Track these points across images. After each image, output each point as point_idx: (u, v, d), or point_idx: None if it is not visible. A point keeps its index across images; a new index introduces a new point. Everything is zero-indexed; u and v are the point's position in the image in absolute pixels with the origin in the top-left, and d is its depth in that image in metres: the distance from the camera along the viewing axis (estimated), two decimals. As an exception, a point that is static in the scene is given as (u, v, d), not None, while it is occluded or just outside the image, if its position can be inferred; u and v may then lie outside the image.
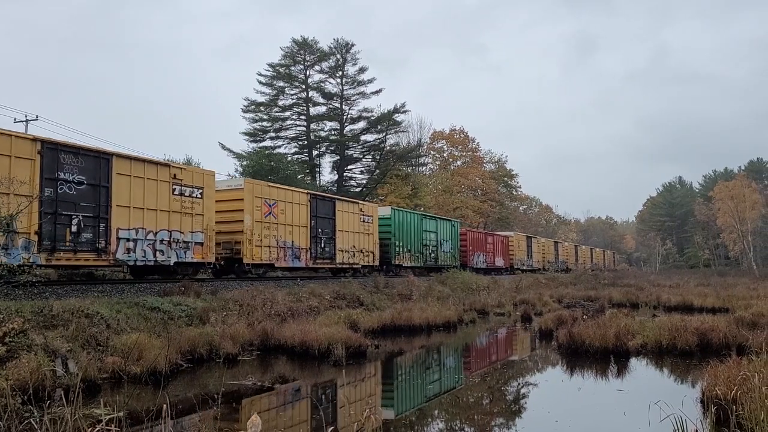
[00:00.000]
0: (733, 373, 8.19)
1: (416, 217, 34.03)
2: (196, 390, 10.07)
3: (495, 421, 9.27)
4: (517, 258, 51.80)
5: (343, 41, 49.76)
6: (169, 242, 17.87)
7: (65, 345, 10.38)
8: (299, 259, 23.52)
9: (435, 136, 71.07)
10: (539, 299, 28.26)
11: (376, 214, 29.35)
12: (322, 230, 25.11)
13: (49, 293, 13.52)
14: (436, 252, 35.95)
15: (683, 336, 13.74)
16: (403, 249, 31.91)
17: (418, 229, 33.61)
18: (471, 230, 44.48)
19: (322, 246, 25.16)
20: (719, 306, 23.68)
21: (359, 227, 27.77)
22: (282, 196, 22.89)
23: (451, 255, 38.03)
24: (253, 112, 49.88)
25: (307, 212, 24.22)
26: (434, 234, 35.81)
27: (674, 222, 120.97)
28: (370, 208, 29.04)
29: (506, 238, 50.07)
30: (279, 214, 22.46)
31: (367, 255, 28.45)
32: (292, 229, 23.18)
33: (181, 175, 18.50)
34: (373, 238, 28.96)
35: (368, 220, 28.51)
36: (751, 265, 70.47)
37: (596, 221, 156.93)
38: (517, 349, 17.40)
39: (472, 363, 15.14)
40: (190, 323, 14.20)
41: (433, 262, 35.41)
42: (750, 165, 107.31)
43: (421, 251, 33.85)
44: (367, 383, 12.10)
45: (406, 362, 14.77)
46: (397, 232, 31.28)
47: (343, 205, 26.98)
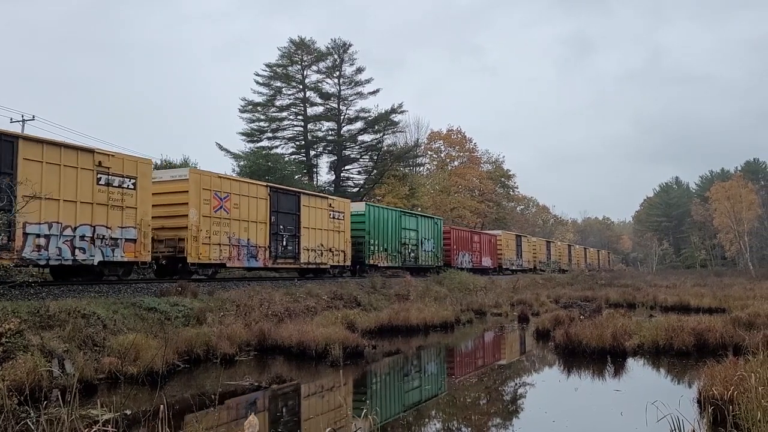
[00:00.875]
0: (730, 374, 8.21)
1: (394, 214, 32.06)
2: (193, 390, 10.06)
3: (492, 421, 9.27)
4: (505, 258, 50.16)
5: (340, 41, 49.83)
6: (92, 239, 15.66)
7: (62, 345, 10.35)
8: (256, 259, 21.38)
9: (432, 137, 71.21)
10: (536, 299, 28.30)
11: (348, 210, 27.43)
12: (284, 227, 22.97)
13: (46, 293, 13.49)
14: (417, 251, 33.92)
15: (680, 336, 13.77)
16: (379, 248, 29.90)
17: (395, 227, 31.65)
18: (455, 228, 42.47)
19: (284, 244, 23.02)
20: (716, 306, 23.71)
21: (328, 224, 25.70)
22: (236, 189, 20.75)
23: (433, 254, 36.09)
24: (250, 112, 49.88)
25: (267, 207, 22.05)
26: (414, 232, 33.77)
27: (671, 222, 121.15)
28: (340, 204, 27.11)
29: (494, 237, 48.51)
30: (232, 209, 20.34)
31: (337, 254, 26.36)
32: (248, 226, 21.05)
33: (108, 163, 16.24)
34: (344, 236, 26.87)
35: (339, 217, 26.47)
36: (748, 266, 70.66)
37: (593, 221, 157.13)
38: (514, 350, 17.41)
39: (469, 363, 15.15)
40: (187, 324, 14.17)
41: (412, 262, 33.46)
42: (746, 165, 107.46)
43: (399, 250, 31.81)
44: (364, 384, 12.10)
45: (403, 362, 14.77)
46: (372, 229, 29.35)
47: (310, 200, 24.91)
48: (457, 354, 16.77)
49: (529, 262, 56.22)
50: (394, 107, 49.64)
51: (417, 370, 13.87)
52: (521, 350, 17.14)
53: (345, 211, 27.03)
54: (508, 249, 51.11)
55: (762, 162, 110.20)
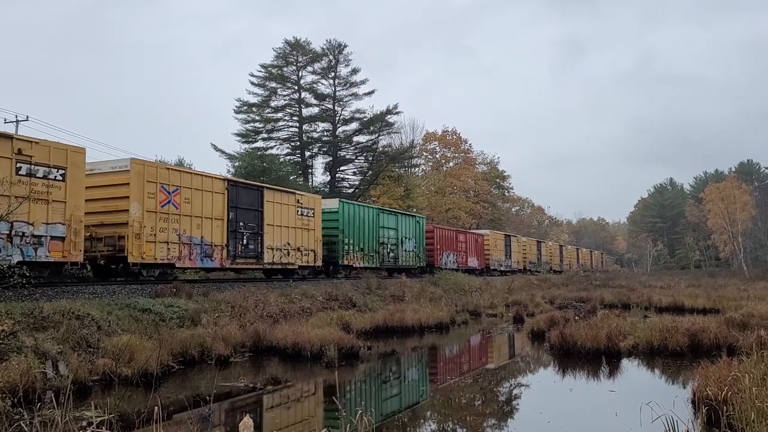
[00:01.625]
0: (724, 374, 8.23)
1: (371, 212, 30.09)
2: (187, 392, 10.04)
3: (487, 421, 9.28)
4: (493, 258, 48.04)
5: (335, 42, 49.74)
6: (8, 236, 13.72)
7: (56, 347, 10.31)
8: (211, 259, 19.48)
9: (427, 138, 71.16)
10: (531, 300, 28.36)
11: (318, 207, 25.41)
12: (244, 224, 20.98)
13: (40, 295, 13.43)
14: (396, 251, 31.95)
15: (674, 337, 13.82)
16: (354, 247, 27.98)
17: (373, 225, 29.68)
18: (439, 227, 40.55)
19: (245, 243, 21.03)
20: (710, 307, 23.81)
21: (296, 221, 23.67)
22: (187, 182, 18.76)
23: (414, 254, 34.20)
24: (245, 113, 49.74)
25: (224, 202, 20.10)
26: (394, 231, 31.82)
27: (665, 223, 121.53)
28: (310, 200, 25.09)
29: (481, 237, 46.62)
30: (183, 204, 18.41)
31: (306, 254, 24.30)
32: (201, 222, 19.06)
33: (30, 151, 14.40)
34: (314, 235, 24.83)
35: (308, 214, 24.46)
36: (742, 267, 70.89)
37: (588, 222, 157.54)
38: (509, 351, 17.44)
39: (464, 365, 15.15)
40: (182, 325, 14.15)
41: (392, 262, 31.55)
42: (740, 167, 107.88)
43: (376, 250, 29.84)
44: (360, 384, 12.09)
45: (398, 363, 14.77)
46: (347, 228, 27.43)
47: (274, 195, 22.83)
48: (451, 355, 16.78)
49: (518, 263, 54.59)
50: (389, 108, 49.64)
51: (412, 371, 13.88)
52: (516, 351, 17.16)
53: (315, 207, 25.20)
54: (496, 249, 49.41)
55: (756, 163, 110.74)
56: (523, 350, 16.97)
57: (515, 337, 19.76)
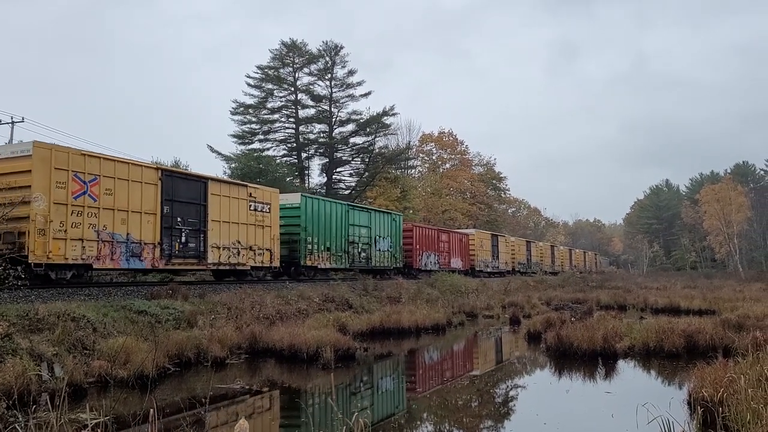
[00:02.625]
0: (720, 375, 8.25)
1: (339, 208, 27.95)
2: (183, 394, 10.02)
3: (484, 423, 9.29)
4: (479, 259, 45.97)
5: (332, 44, 49.77)
6: None
7: (51, 349, 10.28)
8: (140, 258, 17.08)
9: (424, 139, 71.22)
10: (527, 301, 28.37)
11: (276, 202, 23.20)
12: (183, 219, 18.59)
13: (35, 297, 13.39)
14: (369, 251, 29.88)
15: (670, 338, 13.84)
16: (319, 247, 25.80)
17: (341, 223, 27.61)
18: (419, 226, 38.34)
19: (183, 241, 18.59)
20: (706, 308, 23.84)
21: (248, 217, 21.43)
22: (109, 171, 16.33)
23: (390, 255, 32.06)
24: (241, 114, 49.75)
25: (157, 194, 17.75)
26: (366, 229, 29.70)
27: (661, 224, 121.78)
28: (265, 194, 22.70)
29: (465, 237, 44.69)
30: (103, 195, 16.06)
31: (261, 254, 22.08)
32: (127, 217, 16.71)
33: None
34: (270, 232, 22.57)
35: (263, 209, 22.24)
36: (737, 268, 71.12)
37: (584, 224, 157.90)
38: (506, 352, 17.44)
39: (460, 366, 15.16)
40: (178, 327, 14.11)
41: (363, 263, 29.39)
42: (736, 168, 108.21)
43: (346, 250, 27.80)
44: (356, 386, 12.08)
45: (395, 365, 14.77)
46: (310, 225, 25.24)
47: (221, 188, 20.50)
48: (448, 357, 16.78)
49: (506, 264, 52.55)
50: (385, 110, 49.65)
51: (408, 372, 13.87)
52: (513, 353, 17.17)
53: (272, 202, 22.91)
54: (482, 249, 47.28)
55: (751, 165, 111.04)
56: (519, 352, 16.97)
57: (512, 338, 19.77)
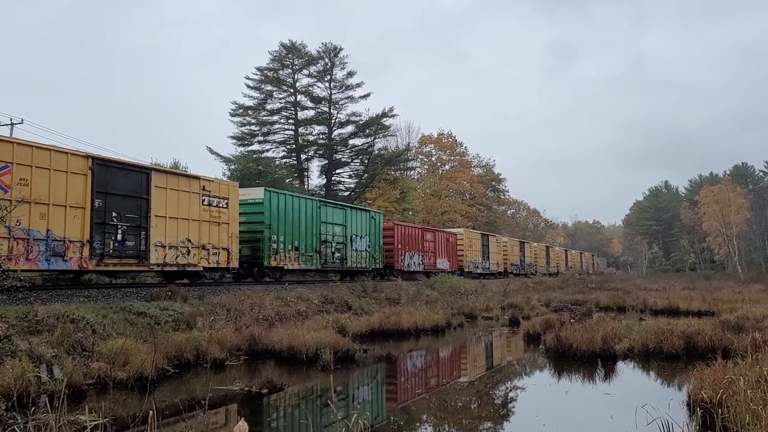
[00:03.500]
0: (719, 377, 8.25)
1: (309, 204, 25.91)
2: (182, 395, 10.01)
3: (483, 424, 9.28)
4: (468, 259, 43.98)
5: (331, 45, 49.79)
6: None
7: (50, 350, 10.27)
8: (64, 258, 15.13)
9: (423, 140, 71.26)
10: (527, 303, 28.37)
11: (235, 197, 21.15)
12: (120, 215, 16.53)
13: (34, 298, 13.38)
14: (344, 251, 27.86)
15: (669, 339, 13.85)
16: (286, 246, 23.74)
17: (312, 220, 25.60)
18: (401, 224, 36.28)
19: (120, 238, 16.56)
20: (705, 309, 23.85)
21: (201, 213, 19.27)
22: (24, 158, 14.32)
23: (368, 255, 30.07)
24: (241, 115, 49.75)
25: (87, 186, 15.77)
26: (340, 227, 27.74)
27: (660, 226, 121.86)
28: (223, 188, 20.63)
29: (453, 236, 42.57)
30: (16, 186, 14.07)
31: (216, 253, 19.86)
32: (48, 211, 14.79)
33: None
34: (228, 230, 20.43)
35: (219, 204, 20.11)
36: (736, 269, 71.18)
37: (583, 225, 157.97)
38: (505, 353, 17.44)
39: (460, 367, 15.16)
40: (177, 328, 14.10)
41: (338, 263, 27.54)
42: (735, 169, 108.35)
43: (317, 249, 25.73)
44: (355, 387, 12.08)
45: (394, 366, 14.77)
46: (275, 222, 23.19)
47: (168, 180, 18.30)
48: (447, 358, 16.78)
49: (498, 265, 50.51)
50: (385, 111, 49.63)
51: (407, 374, 13.87)
52: (512, 354, 17.17)
53: (230, 197, 20.81)
54: (472, 250, 45.34)
55: (750, 166, 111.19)
56: (518, 353, 16.97)
57: (511, 339, 19.77)
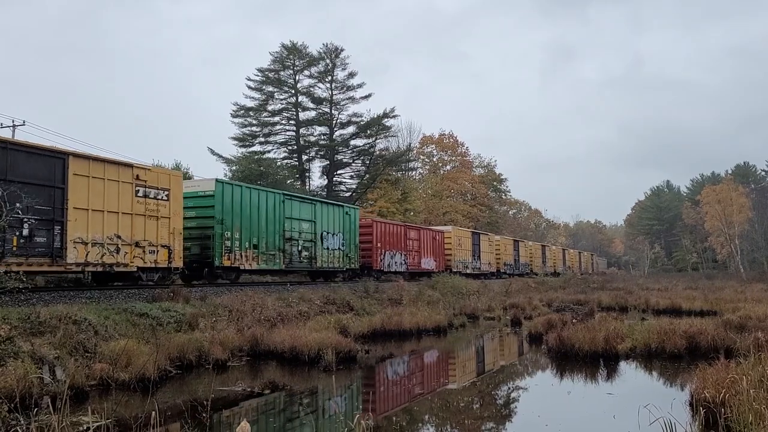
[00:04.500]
0: (722, 376, 8.25)
1: (271, 198, 23.24)
2: (185, 396, 10.01)
3: (486, 424, 9.28)
4: (457, 259, 41.71)
5: (332, 46, 49.85)
6: None
7: (52, 352, 10.28)
8: None
9: (424, 141, 71.27)
10: (529, 303, 28.36)
11: (178, 188, 18.58)
12: (26, 207, 14.05)
13: (36, 299, 13.39)
14: (312, 249, 25.41)
15: (672, 339, 13.83)
16: (243, 244, 21.32)
17: (275, 216, 23.16)
18: (380, 221, 33.83)
19: (26, 234, 14.33)
20: (707, 309, 23.82)
21: (134, 206, 16.80)
22: None
23: (342, 254, 27.63)
24: (242, 116, 49.82)
25: None
26: (309, 224, 25.33)
27: (662, 226, 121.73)
28: (162, 177, 18.04)
29: (440, 234, 40.16)
30: None
31: (154, 252, 17.33)
32: None
33: None
34: (169, 225, 17.91)
35: (158, 196, 17.58)
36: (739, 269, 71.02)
37: (585, 225, 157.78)
38: (507, 353, 17.43)
39: (462, 367, 15.15)
40: (179, 329, 14.11)
41: (306, 263, 25.08)
42: (737, 169, 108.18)
43: (281, 247, 23.24)
44: (357, 388, 12.08)
45: (395, 366, 14.76)
46: (229, 217, 20.70)
47: (91, 167, 15.86)
48: (449, 358, 16.77)
49: (490, 265, 48.25)
50: (386, 112, 49.65)
51: (408, 374, 13.86)
52: (514, 354, 17.16)
53: (172, 188, 18.20)
54: (461, 248, 42.95)
55: (752, 165, 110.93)
56: (520, 353, 16.96)
57: (513, 340, 19.76)
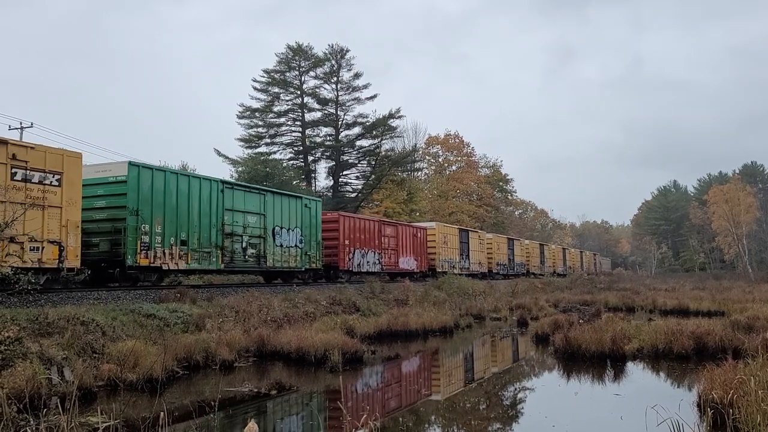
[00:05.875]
0: (730, 377, 8.21)
1: (205, 186, 19.52)
2: (192, 397, 10.05)
3: (492, 425, 9.27)
4: (442, 258, 38.48)
5: (337, 47, 49.97)
6: None
7: (61, 353, 10.34)
8: None
9: (430, 141, 71.25)
10: (535, 304, 28.30)
11: (76, 172, 15.43)
12: None
13: (45, 301, 13.47)
14: (261, 246, 21.83)
15: (679, 340, 13.78)
16: (167, 239, 17.79)
17: (210, 207, 19.55)
18: (349, 216, 30.05)
19: None
20: (715, 309, 23.72)
21: (8, 192, 13.74)
22: None
23: (300, 253, 24.05)
24: (248, 118, 49.98)
25: None
26: (256, 217, 21.78)
27: (669, 226, 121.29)
28: (51, 158, 14.87)
29: (422, 231, 36.82)
30: None
31: (37, 249, 14.27)
32: None
33: None
34: (61, 216, 14.87)
35: (46, 181, 14.62)
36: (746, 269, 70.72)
37: (591, 225, 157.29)
38: (514, 354, 17.40)
39: (470, 368, 15.13)
40: (186, 330, 14.17)
41: (252, 262, 21.56)
42: (744, 168, 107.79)
43: (218, 244, 19.71)
44: (364, 388, 12.09)
45: (403, 367, 14.76)
46: (147, 207, 17.25)
47: None
48: (456, 358, 16.76)
49: (480, 265, 44.99)
50: (391, 112, 49.74)
51: (415, 374, 13.86)
52: (520, 354, 17.13)
53: (66, 171, 15.12)
54: (446, 247, 39.72)
55: (760, 165, 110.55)
56: (527, 354, 16.93)
57: (519, 340, 19.73)
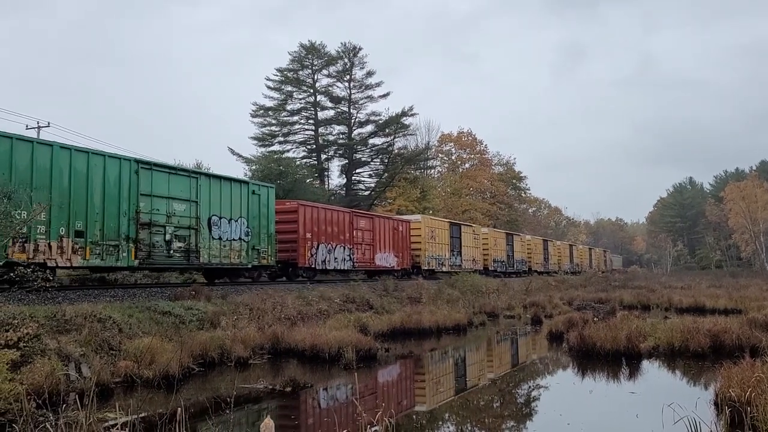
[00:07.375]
0: (747, 375, 8.13)
1: (113, 166, 16.38)
2: (208, 394, 10.13)
3: (507, 422, 9.26)
4: (428, 254, 34.91)
5: (350, 45, 49.98)
6: None
7: (78, 349, 10.46)
8: None
9: (443, 139, 71.15)
10: (549, 301, 28.19)
11: None
12: None
13: (62, 298, 13.63)
14: (192, 239, 18.64)
15: (695, 338, 13.65)
16: (53, 229, 14.53)
17: (120, 192, 16.39)
18: (309, 205, 25.71)
19: None
20: (732, 307, 23.49)
21: None
22: None
23: (246, 246, 20.92)
24: (261, 116, 50.18)
25: None
26: (185, 204, 18.51)
27: (685, 223, 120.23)
28: None
29: (405, 224, 33.04)
30: None
31: None
32: None
33: None
34: None
35: None
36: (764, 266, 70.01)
37: (606, 223, 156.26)
38: (528, 352, 17.35)
39: (483, 366, 15.11)
40: (202, 327, 14.27)
41: (180, 257, 18.27)
42: (761, 165, 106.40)
43: (129, 235, 16.57)
44: (378, 386, 12.11)
45: (416, 365, 14.77)
46: (26, 189, 13.70)
47: None
48: (470, 356, 16.74)
49: (474, 262, 41.50)
50: (404, 110, 49.65)
51: (429, 372, 13.86)
52: (535, 352, 17.07)
53: None
54: (434, 242, 35.88)
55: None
56: (541, 352, 16.87)
57: (533, 338, 19.66)
